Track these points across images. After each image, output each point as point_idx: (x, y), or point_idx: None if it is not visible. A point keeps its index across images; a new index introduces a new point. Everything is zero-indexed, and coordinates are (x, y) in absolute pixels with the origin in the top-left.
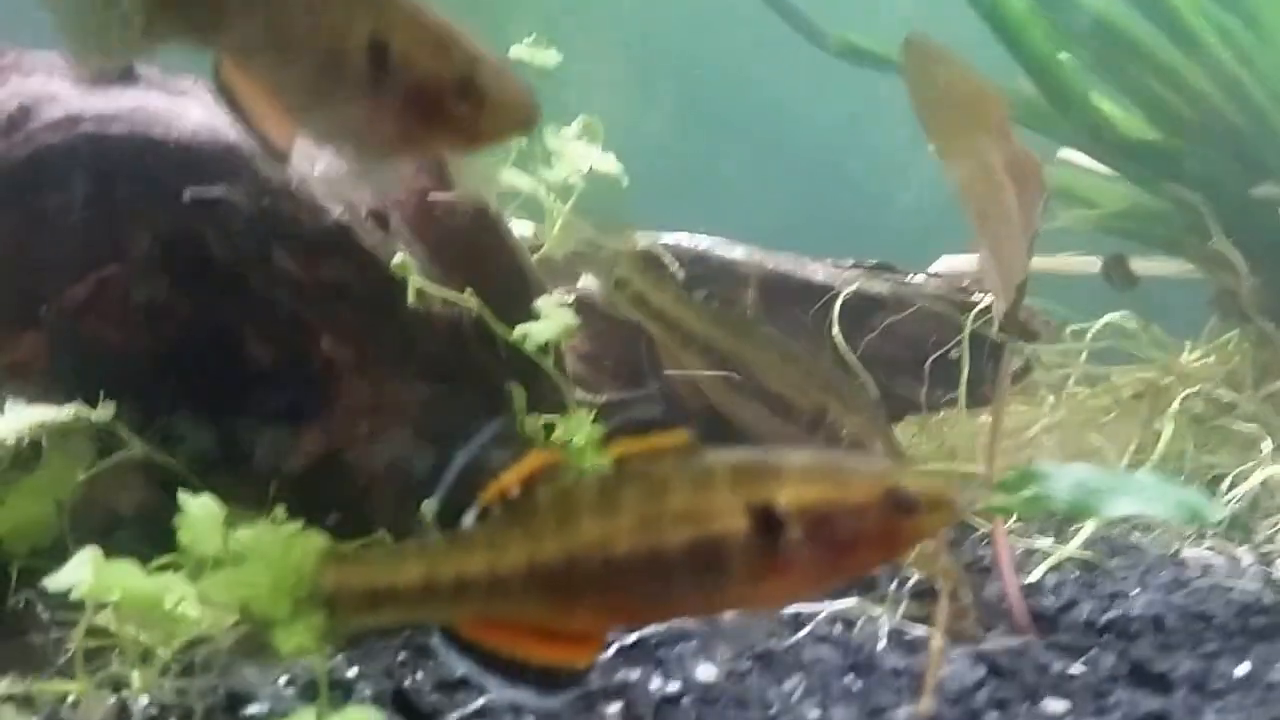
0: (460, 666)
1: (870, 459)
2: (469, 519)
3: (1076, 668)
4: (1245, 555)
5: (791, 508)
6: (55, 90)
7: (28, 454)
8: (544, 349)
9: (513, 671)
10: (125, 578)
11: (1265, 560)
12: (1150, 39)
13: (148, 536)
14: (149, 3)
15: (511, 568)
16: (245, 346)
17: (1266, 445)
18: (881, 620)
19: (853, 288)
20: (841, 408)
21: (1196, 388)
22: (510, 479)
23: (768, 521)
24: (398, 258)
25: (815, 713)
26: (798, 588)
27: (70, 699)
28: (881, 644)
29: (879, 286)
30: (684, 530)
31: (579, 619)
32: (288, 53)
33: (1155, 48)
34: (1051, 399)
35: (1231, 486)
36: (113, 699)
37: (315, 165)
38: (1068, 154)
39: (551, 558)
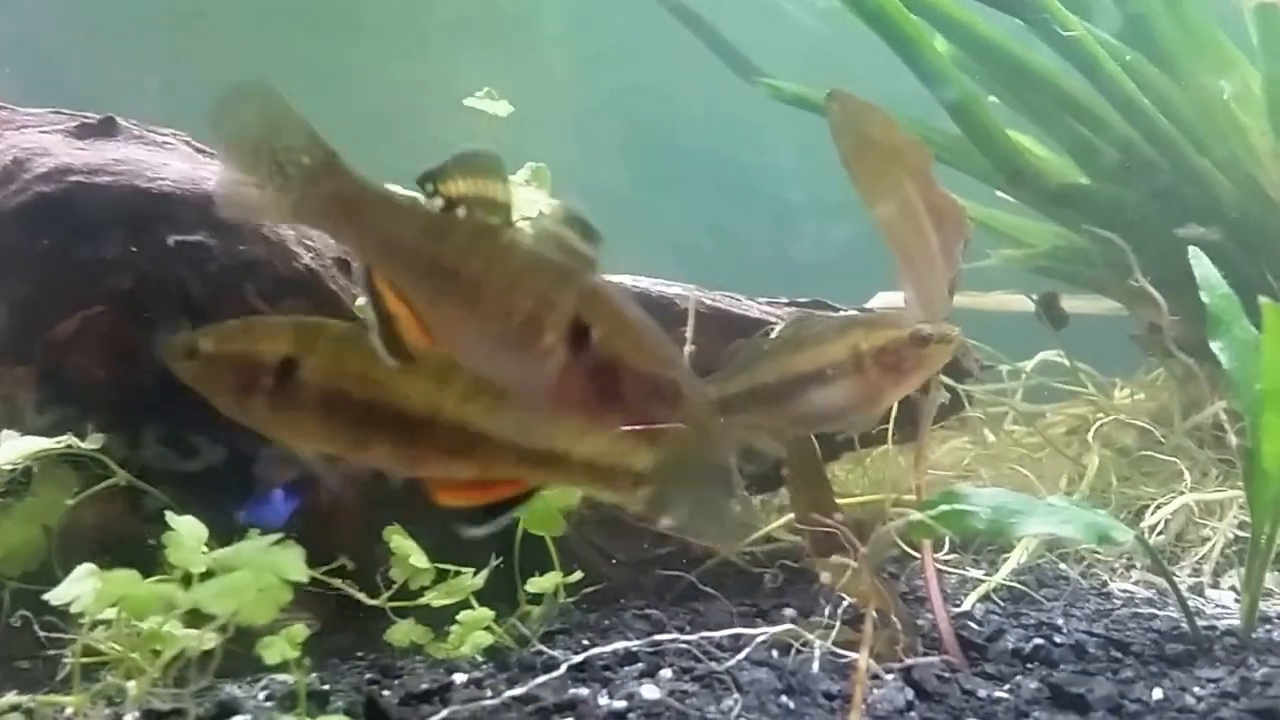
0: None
1: None
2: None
3: (1000, 693)
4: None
5: None
6: (46, 144)
7: (18, 482)
8: None
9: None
10: (126, 586)
11: (1192, 590)
12: (1072, 85)
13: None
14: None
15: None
16: None
17: (1189, 477)
18: (815, 646)
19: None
20: None
21: (1111, 418)
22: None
23: None
24: (360, 300)
25: None
26: None
27: (67, 712)
28: (815, 668)
29: None
30: None
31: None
32: (481, 307)
33: (1077, 93)
34: (991, 436)
35: (1154, 512)
36: (107, 711)
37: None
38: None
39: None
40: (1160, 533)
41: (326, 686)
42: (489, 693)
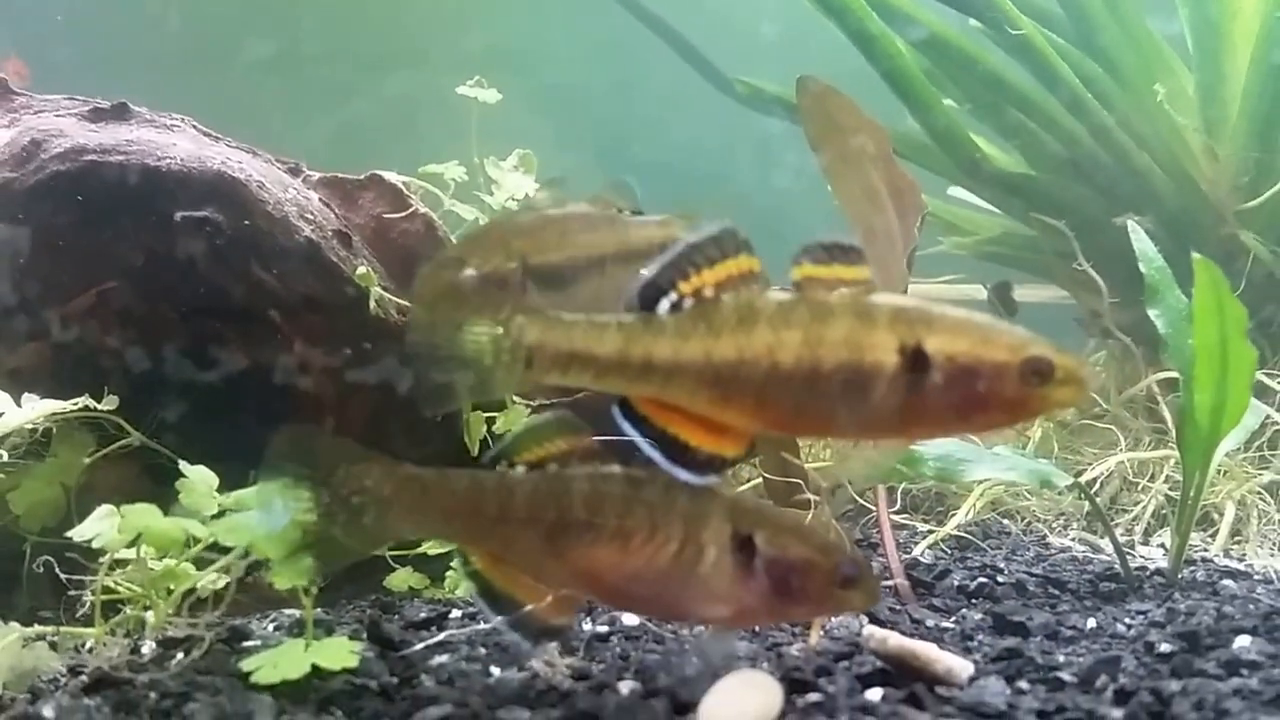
0: (633, 436)
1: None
2: (664, 305)
3: (948, 623)
4: (1105, 544)
5: (938, 354)
6: (62, 126)
7: (39, 442)
8: None
9: (673, 451)
10: (147, 518)
11: (1125, 547)
12: (1025, 85)
13: None
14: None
15: (690, 358)
16: (227, 350)
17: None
18: None
19: None
20: None
21: None
22: (708, 278)
23: (915, 362)
24: (360, 270)
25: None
26: (933, 429)
27: (89, 644)
28: None
29: None
30: (841, 355)
31: (734, 414)
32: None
33: (1030, 93)
34: None
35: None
36: (125, 641)
37: (286, 190)
38: (956, 191)
39: (723, 357)
40: (1096, 494)
41: (330, 618)
42: (482, 622)
